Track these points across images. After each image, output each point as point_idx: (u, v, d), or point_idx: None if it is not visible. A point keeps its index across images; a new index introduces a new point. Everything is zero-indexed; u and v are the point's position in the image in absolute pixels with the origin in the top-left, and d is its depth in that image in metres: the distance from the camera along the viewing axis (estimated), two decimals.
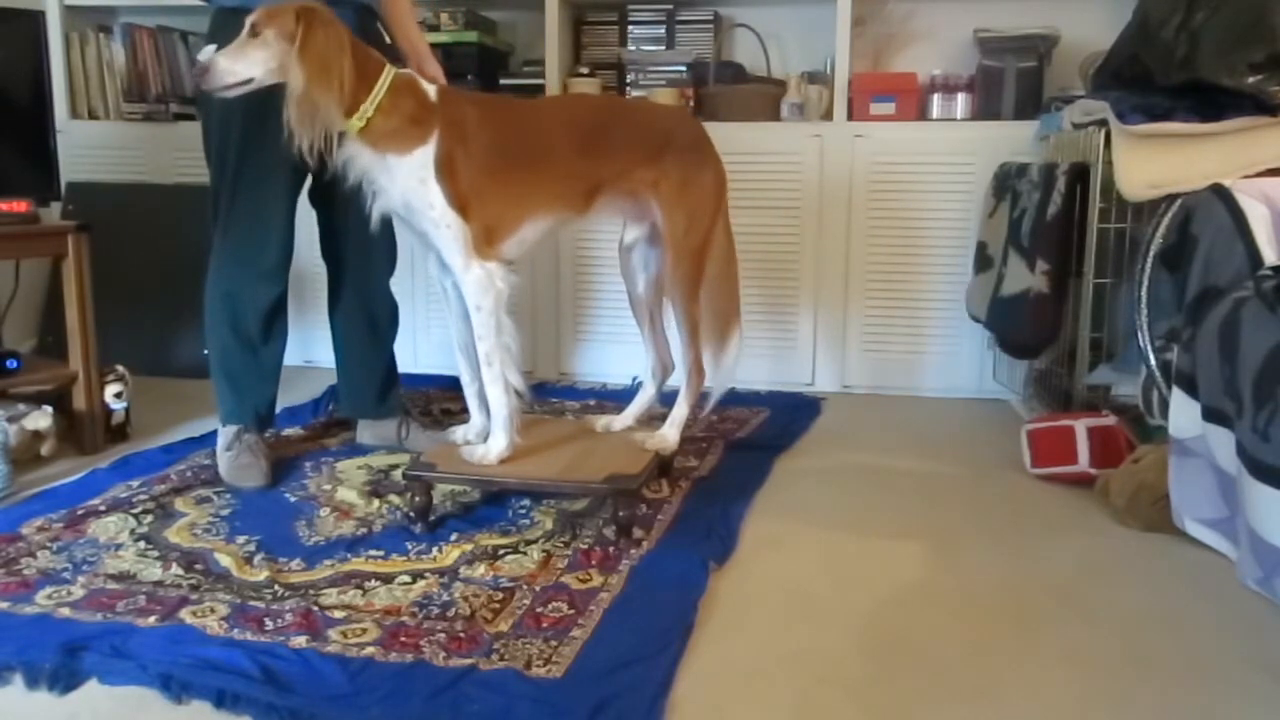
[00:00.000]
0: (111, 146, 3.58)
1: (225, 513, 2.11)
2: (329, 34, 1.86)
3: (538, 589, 1.73)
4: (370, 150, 1.94)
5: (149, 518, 2.06)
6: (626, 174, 2.12)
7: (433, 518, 2.03)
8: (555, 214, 2.11)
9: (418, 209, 1.96)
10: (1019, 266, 2.61)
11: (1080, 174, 2.48)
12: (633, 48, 3.41)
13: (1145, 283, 2.25)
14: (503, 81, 3.42)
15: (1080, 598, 1.75)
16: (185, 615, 1.62)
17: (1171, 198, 2.22)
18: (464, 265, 1.98)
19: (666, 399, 2.33)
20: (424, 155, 1.94)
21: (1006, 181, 2.85)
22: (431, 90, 2.00)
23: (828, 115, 3.20)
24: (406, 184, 1.95)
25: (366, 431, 2.58)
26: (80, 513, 2.08)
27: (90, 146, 3.58)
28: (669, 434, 2.21)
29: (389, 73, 1.94)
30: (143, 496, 2.18)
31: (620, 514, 1.93)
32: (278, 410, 2.49)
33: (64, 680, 1.43)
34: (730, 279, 2.27)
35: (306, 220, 2.40)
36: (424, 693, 1.39)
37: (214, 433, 2.40)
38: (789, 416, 2.91)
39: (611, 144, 2.12)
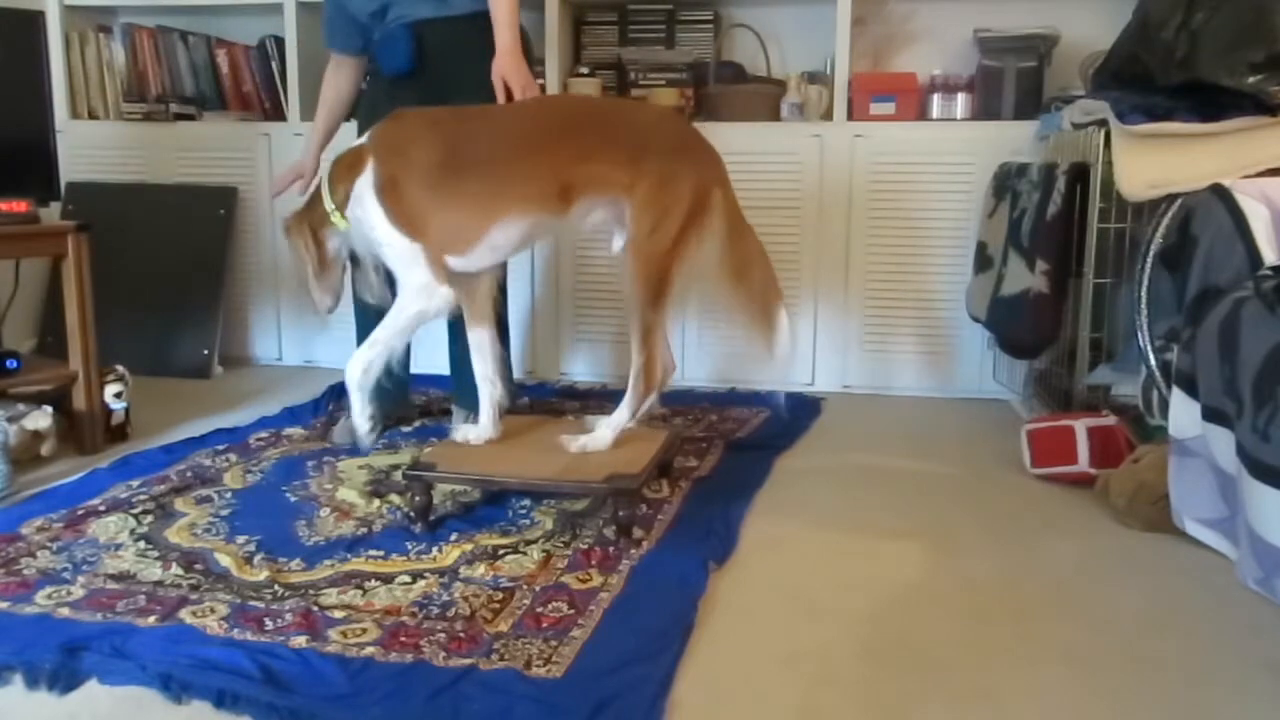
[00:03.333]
0: (111, 146, 3.58)
1: (225, 513, 2.11)
2: (293, 227, 2.20)
3: (538, 589, 1.73)
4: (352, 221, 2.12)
5: (149, 518, 2.06)
6: (603, 177, 2.05)
7: (433, 518, 2.03)
8: (527, 216, 2.07)
9: (364, 231, 2.08)
10: (1019, 266, 2.61)
11: (1080, 174, 2.48)
12: (633, 48, 3.41)
13: (1145, 283, 2.25)
14: None
15: (1080, 598, 1.75)
16: (185, 615, 1.62)
17: (1171, 198, 2.22)
18: (407, 274, 2.05)
19: (667, 399, 2.33)
20: (362, 184, 2.07)
21: (1006, 181, 2.85)
22: (366, 135, 2.12)
23: (828, 115, 3.20)
24: (353, 214, 2.08)
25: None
26: (80, 513, 2.08)
27: (90, 146, 3.58)
28: (604, 435, 2.13)
29: (323, 178, 2.14)
30: (143, 496, 2.18)
31: (620, 514, 1.93)
32: (278, 411, 2.49)
33: (64, 680, 1.43)
34: (760, 263, 2.17)
35: None
36: (424, 693, 1.39)
37: (215, 432, 2.40)
38: (789, 416, 2.91)
39: (584, 145, 2.07)
